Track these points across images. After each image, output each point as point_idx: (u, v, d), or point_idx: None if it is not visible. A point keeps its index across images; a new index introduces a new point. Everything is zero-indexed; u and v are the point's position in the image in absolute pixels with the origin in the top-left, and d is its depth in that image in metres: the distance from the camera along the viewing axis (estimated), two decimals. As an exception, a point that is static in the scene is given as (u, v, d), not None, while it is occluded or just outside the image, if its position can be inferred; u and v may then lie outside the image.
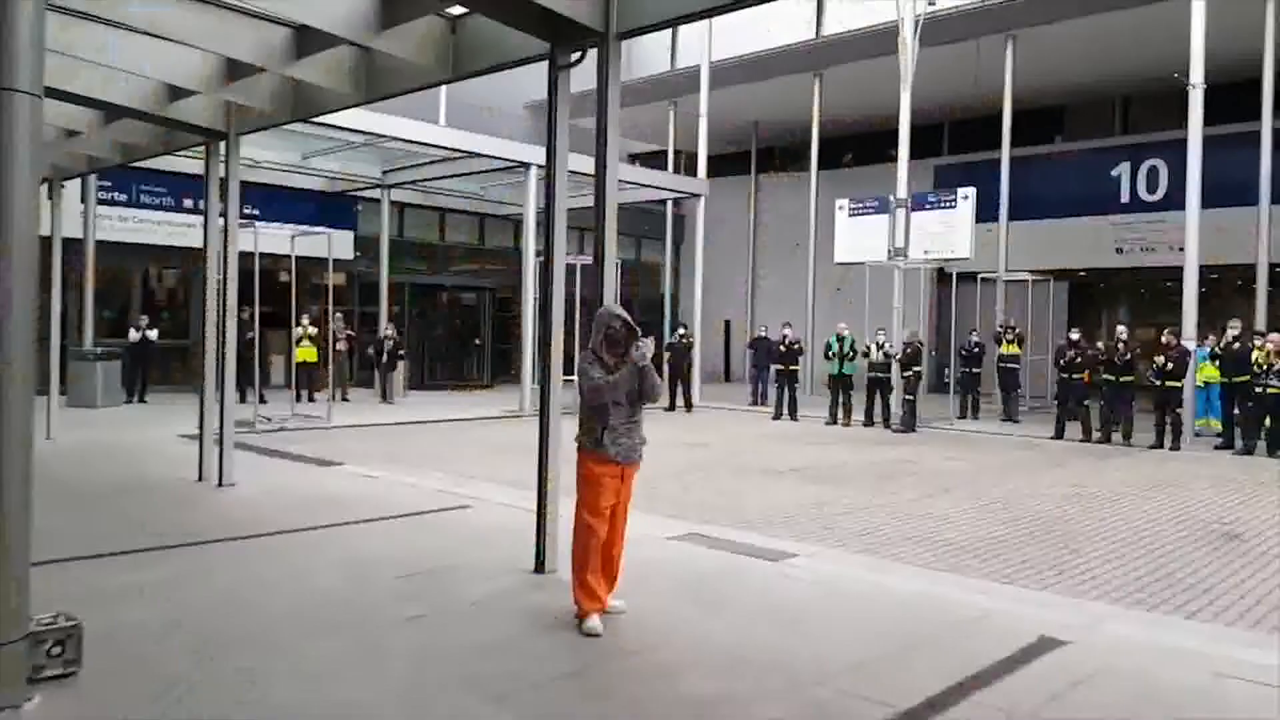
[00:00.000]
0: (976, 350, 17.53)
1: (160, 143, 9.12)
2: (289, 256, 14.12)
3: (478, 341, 22.16)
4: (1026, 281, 19.16)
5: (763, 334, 18.96)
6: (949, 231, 16.40)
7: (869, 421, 15.54)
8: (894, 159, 26.61)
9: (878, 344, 15.46)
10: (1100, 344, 14.08)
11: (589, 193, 18.51)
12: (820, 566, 6.17)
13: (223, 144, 8.18)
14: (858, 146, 27.37)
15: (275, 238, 13.67)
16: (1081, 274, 22.89)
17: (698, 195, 20.05)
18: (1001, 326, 17.66)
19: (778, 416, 16.45)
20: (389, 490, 8.59)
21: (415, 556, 6.03)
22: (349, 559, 5.97)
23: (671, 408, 17.77)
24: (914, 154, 26.23)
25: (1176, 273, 22.99)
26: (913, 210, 16.91)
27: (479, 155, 16.49)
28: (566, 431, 5.26)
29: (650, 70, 28.09)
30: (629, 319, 4.76)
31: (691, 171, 23.10)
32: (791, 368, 16.44)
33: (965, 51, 19.42)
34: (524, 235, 17.10)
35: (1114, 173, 22.20)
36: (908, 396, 14.97)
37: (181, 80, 7.09)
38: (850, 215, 17.86)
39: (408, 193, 20.74)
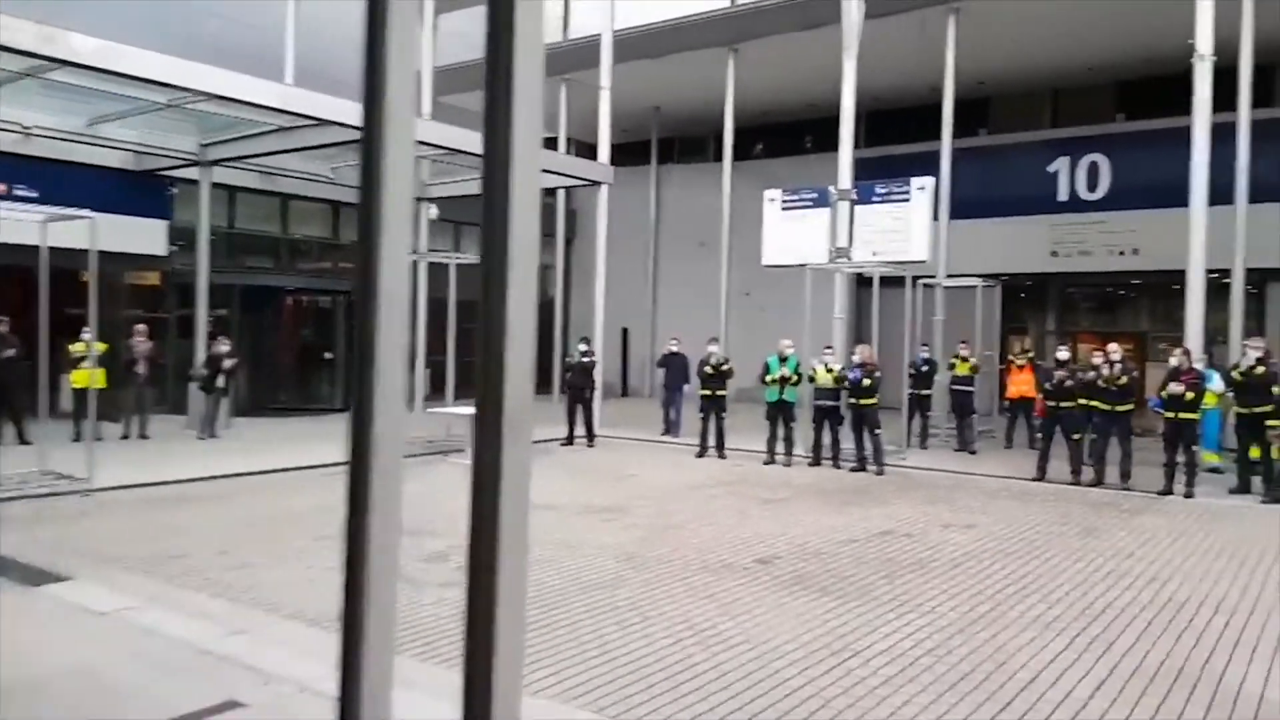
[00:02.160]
0: (926, 369, 14.97)
1: None
2: (57, 248, 10.18)
3: (329, 356, 18.27)
4: (975, 288, 16.73)
5: (674, 349, 15.86)
6: (901, 229, 13.75)
7: (815, 460, 12.69)
8: (812, 150, 24.26)
9: (825, 365, 12.61)
10: (1100, 364, 11.54)
11: (470, 178, 14.83)
12: None
13: None
14: (773, 136, 24.78)
15: (21, 225, 9.75)
16: (1028, 281, 20.82)
17: (600, 183, 16.83)
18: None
19: (703, 453, 13.40)
20: (108, 657, 5.04)
21: None
22: None
23: (570, 441, 14.52)
24: (829, 146, 23.85)
25: (1117, 278, 21.45)
26: (858, 204, 14.20)
27: (324, 123, 12.79)
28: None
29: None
30: None
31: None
32: (719, 393, 13.41)
33: (896, 30, 16.89)
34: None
35: (1051, 169, 20.20)
36: (878, 430, 12.16)
37: None
38: (784, 210, 15.02)
39: (240, 173, 16.77)
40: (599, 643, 5.44)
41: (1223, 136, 13.14)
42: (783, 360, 12.64)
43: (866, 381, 11.92)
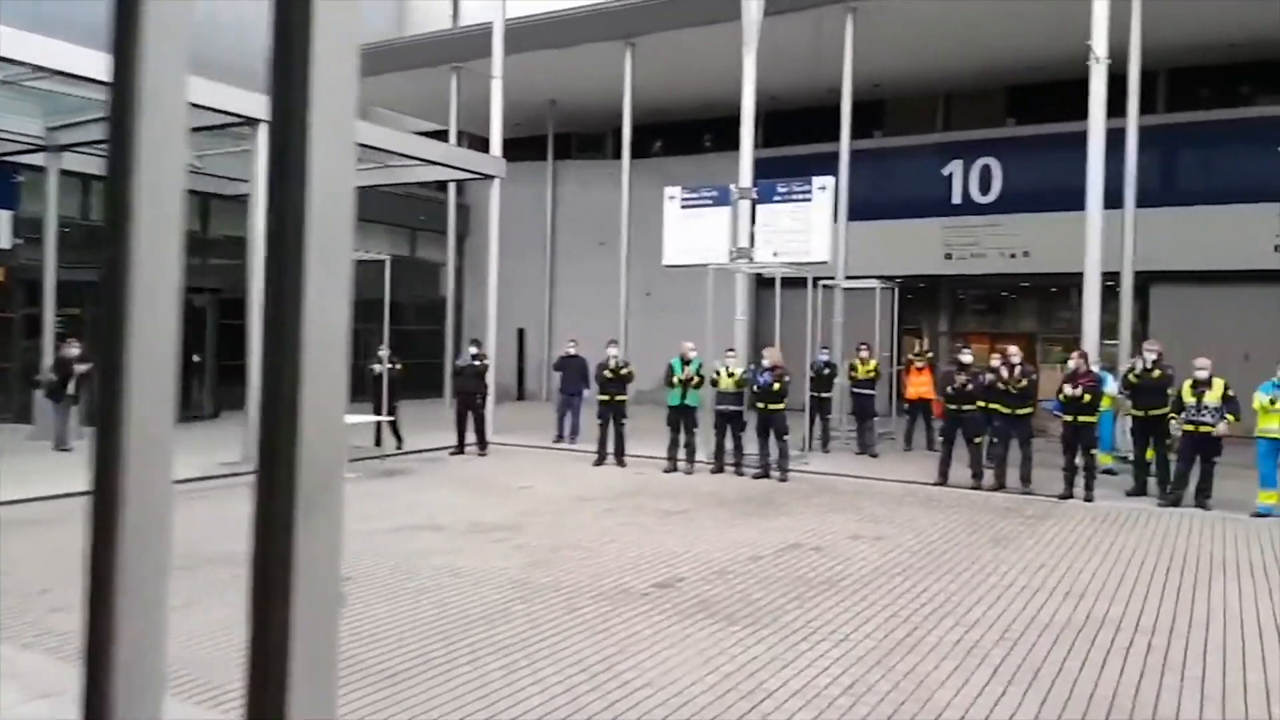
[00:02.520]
0: (827, 371, 14.73)
1: None
2: None
3: (196, 359, 16.94)
4: (874, 289, 16.63)
5: (571, 351, 15.22)
6: (802, 230, 13.44)
7: (718, 466, 12.24)
8: (712, 149, 23.96)
9: (727, 369, 12.17)
10: (999, 366, 11.44)
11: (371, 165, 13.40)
12: None
13: None
14: (673, 134, 24.36)
15: None
16: (921, 284, 20.91)
17: (492, 176, 16.04)
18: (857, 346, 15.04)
19: (601, 460, 12.80)
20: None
21: None
22: None
23: (460, 449, 13.73)
24: (728, 145, 23.62)
25: (1009, 280, 21.83)
26: (759, 203, 13.84)
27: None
28: None
29: (428, 28, 23.80)
30: None
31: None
32: (619, 398, 12.84)
33: (794, 29, 16.66)
34: (250, 219, 12.47)
35: (945, 171, 20.38)
36: (785, 436, 11.77)
37: None
38: (683, 208, 14.55)
39: (94, 160, 15.32)
40: (481, 690, 4.77)
41: (1113, 142, 13.29)
42: (685, 363, 12.16)
43: (776, 386, 11.53)
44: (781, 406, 11.67)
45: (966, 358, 12.61)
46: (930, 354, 15.53)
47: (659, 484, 11.45)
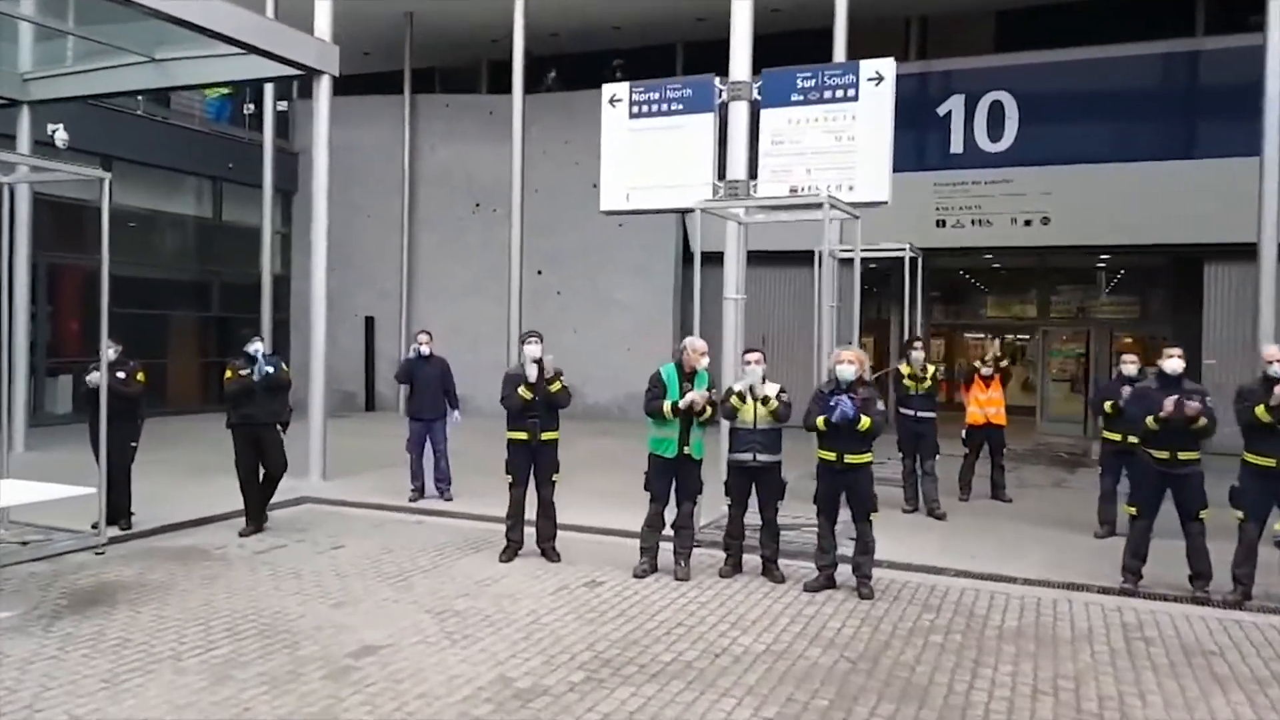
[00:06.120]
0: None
1: None
2: None
3: None
4: (903, 257, 11.59)
5: (424, 352, 9.44)
6: (843, 149, 8.16)
7: (732, 563, 6.74)
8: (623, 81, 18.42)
9: (750, 389, 6.61)
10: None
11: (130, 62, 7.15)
12: None
13: None
14: (573, 64, 18.72)
15: None
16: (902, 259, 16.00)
17: (315, 73, 10.04)
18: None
19: (512, 553, 7.03)
20: None
21: None
22: None
23: (254, 523, 7.79)
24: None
25: (1019, 254, 17.22)
26: (765, 106, 8.47)
27: None
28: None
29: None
30: None
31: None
32: (547, 435, 7.02)
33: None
34: None
35: (941, 110, 15.59)
36: (874, 511, 6.38)
37: None
38: (633, 118, 8.96)
39: None
40: None
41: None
42: (688, 375, 6.55)
43: (865, 422, 6.11)
44: (869, 457, 6.28)
45: (1131, 367, 7.70)
46: (1004, 359, 10.53)
47: (642, 613, 5.83)
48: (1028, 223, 15.08)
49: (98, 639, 5.11)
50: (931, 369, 9.35)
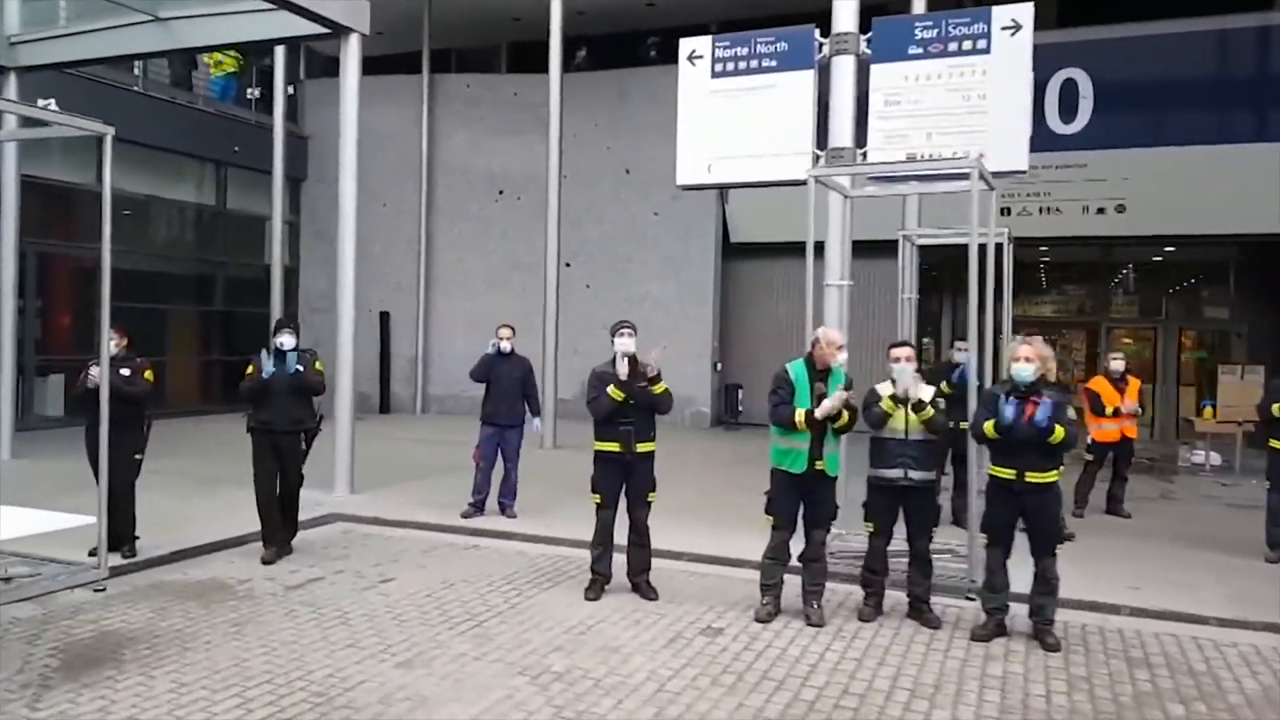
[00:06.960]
0: (962, 382, 8.27)
1: None
2: None
3: None
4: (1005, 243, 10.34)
5: (504, 348, 8.20)
6: (974, 110, 6.99)
7: (873, 606, 5.55)
8: (658, 61, 17.25)
9: (905, 390, 5.43)
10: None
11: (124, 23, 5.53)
12: None
13: None
14: (594, 45, 17.52)
15: None
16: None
17: (344, 30, 8.82)
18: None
19: (599, 589, 5.82)
20: None
21: None
22: None
23: (276, 543, 6.59)
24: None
25: (1089, 246, 15.56)
26: (877, 61, 7.29)
27: None
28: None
29: None
30: None
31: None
32: (643, 446, 5.81)
33: None
34: None
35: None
36: (1061, 542, 5.24)
37: None
38: (715, 77, 7.76)
39: None
40: None
41: None
42: (821, 373, 5.36)
43: (1059, 433, 4.92)
44: (1056, 475, 5.10)
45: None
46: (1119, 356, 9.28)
47: (788, 674, 4.62)
48: (1100, 210, 13.93)
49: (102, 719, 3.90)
50: (1053, 364, 8.15)
